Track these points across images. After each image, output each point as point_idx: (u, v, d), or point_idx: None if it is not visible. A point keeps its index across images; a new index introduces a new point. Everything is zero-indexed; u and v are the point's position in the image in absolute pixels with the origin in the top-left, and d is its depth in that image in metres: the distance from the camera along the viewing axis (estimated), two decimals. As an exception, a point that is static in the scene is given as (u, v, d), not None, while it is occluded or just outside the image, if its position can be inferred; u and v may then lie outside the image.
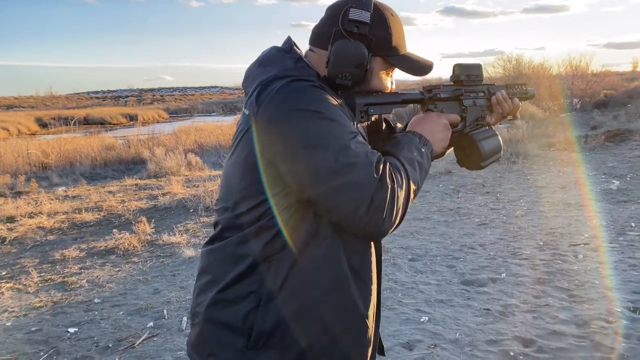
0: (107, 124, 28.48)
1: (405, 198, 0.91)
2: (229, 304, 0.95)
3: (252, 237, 0.93)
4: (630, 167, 6.75)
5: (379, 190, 0.85)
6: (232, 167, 0.97)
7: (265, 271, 0.93)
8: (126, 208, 6.26)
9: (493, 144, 1.14)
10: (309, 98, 0.87)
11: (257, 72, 0.98)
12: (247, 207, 0.93)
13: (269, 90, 0.89)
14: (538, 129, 10.71)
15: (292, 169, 0.87)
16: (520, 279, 3.30)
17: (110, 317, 3.08)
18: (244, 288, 0.94)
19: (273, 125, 0.87)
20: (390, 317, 2.84)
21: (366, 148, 0.88)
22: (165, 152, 9.87)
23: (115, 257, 4.43)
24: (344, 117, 0.89)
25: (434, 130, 1.04)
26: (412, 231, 4.66)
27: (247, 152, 0.91)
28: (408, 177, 0.92)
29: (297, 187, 0.88)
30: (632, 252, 3.64)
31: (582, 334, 2.51)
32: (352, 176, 0.84)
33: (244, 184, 0.93)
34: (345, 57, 0.92)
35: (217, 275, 0.98)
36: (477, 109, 1.16)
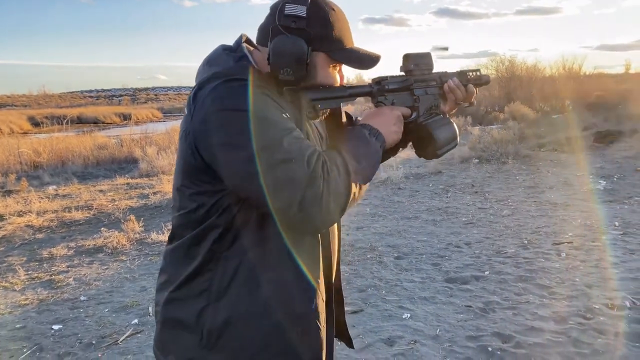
0: (100, 123, 28.39)
1: (344, 192, 0.90)
2: (182, 303, 0.98)
3: (201, 236, 0.95)
4: (618, 168, 6.83)
5: (311, 186, 0.85)
6: (177, 166, 0.99)
7: (214, 269, 0.95)
8: (116, 207, 6.26)
9: (447, 132, 1.14)
10: (240, 98, 0.88)
11: (203, 70, 0.98)
12: (193, 206, 0.95)
13: (203, 91, 0.90)
14: (529, 129, 10.80)
15: (225, 168, 0.88)
16: (503, 277, 3.34)
17: (95, 314, 3.10)
18: (195, 287, 0.96)
19: (205, 126, 0.88)
20: (373, 314, 2.87)
21: (300, 144, 0.88)
22: (157, 151, 9.87)
23: (103, 255, 4.43)
24: (279, 115, 0.90)
25: (387, 122, 1.05)
26: (399, 230, 4.70)
27: (185, 153, 0.93)
28: (347, 170, 0.91)
29: (232, 186, 0.90)
30: (613, 250, 3.69)
31: (559, 330, 2.55)
32: (283, 173, 0.85)
33: (187, 184, 0.95)
34: (284, 52, 0.92)
35: (171, 275, 1.00)
36: (430, 97, 1.15)
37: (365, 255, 3.97)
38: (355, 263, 3.79)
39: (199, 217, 0.94)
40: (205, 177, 0.91)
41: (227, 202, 0.92)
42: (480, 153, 8.23)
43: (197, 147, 0.90)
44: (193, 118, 0.90)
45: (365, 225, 4.90)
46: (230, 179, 0.89)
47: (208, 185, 0.92)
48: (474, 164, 7.85)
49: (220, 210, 0.93)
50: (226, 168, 0.88)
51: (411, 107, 1.13)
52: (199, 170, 0.91)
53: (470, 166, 7.71)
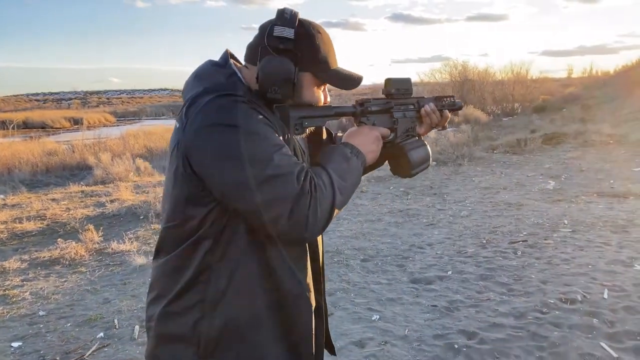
0: (48, 128, 27.09)
1: (329, 207, 0.95)
2: (177, 316, 0.99)
3: (192, 248, 0.97)
4: (565, 168, 7.24)
5: (299, 201, 0.90)
6: (167, 179, 1.01)
7: (207, 280, 0.97)
8: (72, 216, 6.03)
9: (421, 154, 1.22)
10: (233, 113, 0.91)
11: (192, 85, 1.01)
12: (184, 218, 0.97)
13: (197, 104, 0.93)
14: (482, 132, 11.25)
15: (216, 182, 0.91)
16: (465, 276, 3.48)
17: (57, 329, 2.98)
18: (189, 299, 0.98)
19: (198, 140, 0.91)
20: (343, 317, 2.92)
21: (290, 160, 0.93)
22: (112, 157, 9.56)
23: (60, 267, 4.26)
24: (269, 131, 0.94)
25: (366, 142, 1.10)
26: (364, 232, 4.79)
27: (177, 165, 0.95)
28: (333, 186, 0.96)
29: (223, 199, 0.93)
30: (564, 247, 3.92)
31: (519, 325, 2.70)
32: (273, 188, 0.89)
33: (178, 196, 0.97)
34: (272, 72, 0.97)
35: (163, 289, 1.02)
36: (407, 120, 1.23)
37: (332, 259, 4.02)
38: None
39: (190, 230, 0.97)
40: (196, 189, 0.94)
41: (217, 213, 0.95)
42: (438, 156, 8.51)
43: (188, 160, 0.92)
44: (185, 131, 0.92)
45: (331, 229, 4.95)
46: (221, 191, 0.92)
47: (198, 198, 0.94)
48: (432, 166, 8.10)
49: (210, 221, 0.95)
50: (217, 181, 0.91)
51: (390, 128, 1.19)
52: (190, 183, 0.94)
53: (429, 168, 7.91)
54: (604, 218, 4.66)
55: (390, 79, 1.21)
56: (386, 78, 1.21)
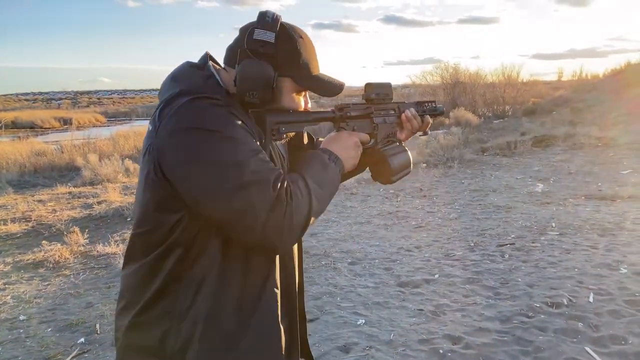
0: (37, 128, 26.81)
1: (306, 215, 0.92)
2: (145, 327, 0.96)
3: (162, 257, 0.94)
4: (554, 171, 7.27)
5: (275, 208, 0.87)
6: (139, 184, 0.97)
7: (177, 290, 0.94)
8: (57, 218, 5.95)
9: (402, 160, 1.20)
10: (209, 116, 0.88)
11: (168, 86, 0.97)
12: (154, 225, 0.94)
13: (172, 106, 0.90)
14: (472, 134, 11.28)
15: (188, 188, 0.88)
16: (452, 279, 3.47)
17: (37, 334, 2.93)
18: (158, 310, 0.95)
19: (171, 143, 0.88)
20: (329, 321, 2.90)
21: (266, 166, 0.90)
22: (100, 158, 9.46)
23: (44, 270, 4.20)
24: (246, 136, 0.90)
25: (345, 148, 1.08)
26: (353, 235, 4.77)
27: (149, 169, 0.91)
28: (310, 193, 0.94)
29: (195, 205, 0.89)
30: (551, 250, 3.93)
31: (504, 329, 2.69)
32: (248, 194, 0.86)
33: (148, 202, 0.93)
34: (250, 76, 0.94)
35: (132, 299, 0.98)
36: (388, 126, 1.21)
37: (320, 262, 4.00)
38: (310, 270, 3.81)
39: (160, 237, 0.93)
40: (167, 194, 0.90)
41: (189, 220, 0.91)
42: (428, 158, 8.52)
43: (160, 164, 0.89)
44: (158, 134, 0.89)
45: (319, 232, 4.93)
46: (193, 197, 0.88)
47: (169, 204, 0.91)
48: (422, 168, 8.11)
49: (181, 229, 0.92)
50: (189, 186, 0.87)
51: (370, 134, 1.17)
52: (161, 188, 0.90)
53: (419, 170, 7.95)
54: (591, 221, 4.67)
55: (370, 83, 1.19)
56: (366, 83, 1.19)
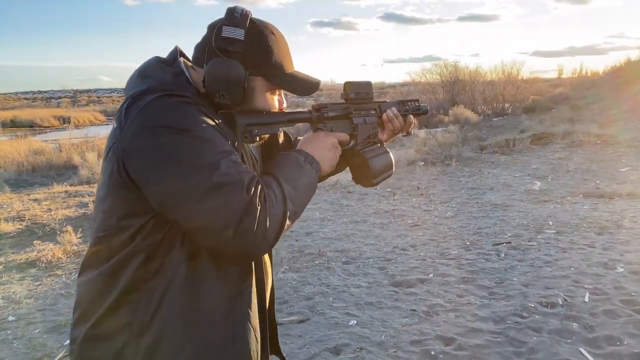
0: (37, 127, 26.77)
1: (280, 219, 0.88)
2: (101, 341, 0.90)
3: (122, 263, 0.88)
4: (552, 169, 7.22)
5: (248, 212, 0.82)
6: (100, 184, 0.91)
7: (137, 301, 0.88)
8: (52, 217, 5.91)
9: (383, 162, 1.15)
10: (178, 115, 0.83)
11: (135, 82, 0.93)
12: (116, 229, 0.88)
13: (138, 104, 0.85)
14: (471, 132, 11.23)
15: (155, 190, 0.83)
16: (447, 279, 3.43)
17: (24, 335, 2.89)
18: (116, 321, 0.89)
19: (137, 142, 0.82)
20: (320, 322, 2.86)
21: (238, 168, 0.85)
22: (98, 156, 9.43)
23: (36, 270, 4.16)
24: (217, 136, 0.86)
25: (322, 149, 1.04)
26: (348, 234, 4.73)
27: (111, 170, 0.86)
28: (284, 197, 0.89)
29: (161, 208, 0.84)
30: (547, 249, 3.89)
31: (498, 330, 2.65)
32: (220, 197, 0.81)
33: (110, 204, 0.88)
34: (219, 75, 0.90)
35: (88, 309, 0.92)
36: (368, 126, 1.16)
37: (314, 262, 3.96)
38: (304, 270, 3.77)
39: (121, 242, 0.87)
40: (131, 196, 0.85)
41: (153, 226, 0.86)
42: (426, 156, 8.47)
43: (124, 164, 0.83)
44: (123, 132, 0.84)
45: (314, 231, 4.89)
46: (160, 200, 0.83)
47: (133, 207, 0.86)
48: (420, 166, 8.06)
49: (144, 234, 0.86)
50: (156, 189, 0.82)
51: (350, 134, 1.13)
52: (124, 189, 0.85)
53: (416, 169, 7.91)
54: (588, 219, 4.63)
55: (349, 82, 1.15)
56: (345, 82, 1.16)
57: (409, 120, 1.24)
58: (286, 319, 2.90)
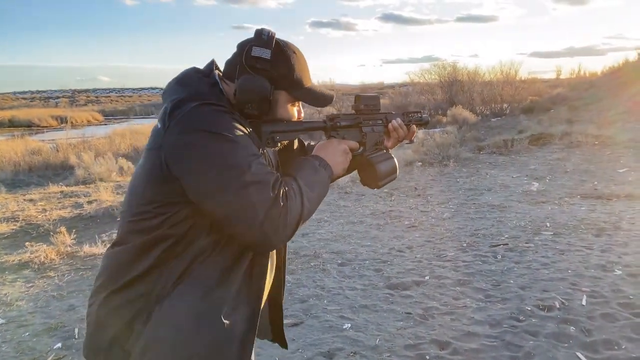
0: (34, 127, 26.70)
1: (298, 215, 1.00)
2: (120, 305, 1.01)
3: (151, 244, 1.00)
4: (550, 170, 7.19)
5: (273, 207, 0.95)
6: (139, 175, 1.03)
7: (158, 275, 1.00)
8: (47, 218, 5.87)
9: (388, 166, 1.28)
10: (216, 121, 0.96)
11: (174, 89, 1.05)
12: (149, 215, 1.00)
13: (182, 109, 0.97)
14: (469, 133, 11.20)
15: (194, 185, 0.95)
16: (443, 281, 3.39)
17: (13, 339, 2.85)
18: (135, 291, 1.00)
19: (180, 143, 0.95)
20: (314, 326, 2.82)
21: (266, 169, 0.98)
22: (95, 156, 9.38)
23: (29, 271, 4.12)
24: (248, 141, 0.98)
25: (334, 154, 1.17)
26: (344, 235, 4.69)
27: (153, 164, 0.98)
28: (302, 195, 1.02)
29: (199, 201, 0.96)
30: (545, 251, 3.85)
31: (494, 334, 2.61)
32: (249, 194, 0.94)
33: (147, 193, 1.00)
34: (249, 90, 1.03)
35: (111, 278, 1.04)
36: (376, 134, 1.30)
37: (309, 263, 3.92)
38: (299, 272, 3.74)
39: (154, 225, 1.00)
40: (169, 189, 0.97)
41: (184, 214, 0.99)
42: (424, 156, 8.44)
43: (167, 161, 0.95)
44: (168, 132, 0.96)
45: (311, 232, 4.85)
46: (198, 193, 0.95)
47: (169, 197, 0.98)
48: (418, 167, 8.03)
49: (176, 221, 0.99)
50: (195, 183, 0.95)
51: (359, 142, 1.26)
52: (164, 182, 0.97)
53: (414, 169, 7.87)
54: (586, 221, 4.60)
55: (359, 95, 1.30)
56: (356, 95, 1.31)
57: (412, 130, 1.39)
58: (280, 322, 2.86)
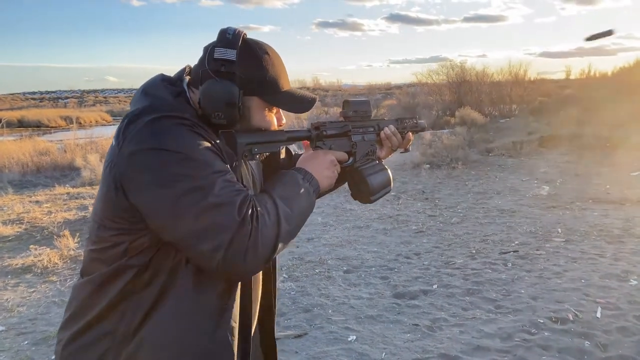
0: (43, 127, 26.88)
1: (273, 237, 0.88)
2: (84, 347, 0.94)
3: (112, 276, 0.91)
4: (560, 173, 7.06)
5: (239, 231, 0.84)
6: (97, 199, 0.94)
7: (124, 310, 0.92)
8: (51, 220, 5.84)
9: (381, 179, 1.16)
10: (173, 137, 0.85)
11: (138, 98, 0.95)
12: (107, 244, 0.91)
13: (137, 123, 0.87)
14: (478, 134, 11.06)
15: (149, 209, 0.85)
16: (451, 290, 3.30)
17: (12, 347, 2.80)
18: (101, 329, 0.92)
19: (133, 163, 0.85)
20: (318, 337, 2.74)
21: (232, 188, 0.87)
22: (100, 158, 9.37)
23: (31, 276, 4.08)
24: (211, 156, 0.87)
25: (320, 167, 1.05)
26: (350, 240, 4.61)
27: (108, 186, 0.88)
28: (278, 215, 0.90)
29: (156, 227, 0.87)
30: (556, 259, 3.74)
31: (505, 348, 2.51)
32: (212, 218, 0.83)
33: (105, 220, 0.91)
34: (213, 96, 0.92)
35: (77, 314, 0.96)
36: (367, 144, 1.18)
37: (314, 270, 3.84)
38: (303, 279, 3.66)
39: (114, 255, 0.91)
40: (125, 214, 0.88)
41: (146, 242, 0.89)
42: (431, 159, 8.33)
43: (121, 183, 0.86)
44: (121, 151, 0.86)
45: (316, 236, 4.78)
46: (155, 219, 0.86)
47: (127, 223, 0.89)
48: (425, 169, 7.92)
49: (137, 251, 0.90)
50: (151, 208, 0.85)
51: (348, 152, 1.15)
52: (119, 207, 0.88)
53: (422, 172, 7.77)
54: (599, 227, 4.48)
55: (348, 100, 1.18)
56: (344, 100, 1.19)
57: (407, 138, 1.26)
58: (282, 333, 2.78)
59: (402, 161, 8.43)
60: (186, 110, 0.92)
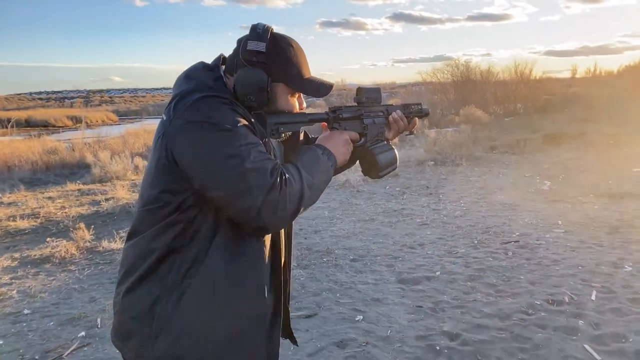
0: (50, 127, 27.18)
1: (297, 200, 1.03)
2: (140, 294, 1.07)
3: (162, 231, 1.05)
4: (564, 169, 7.17)
5: (271, 192, 0.98)
6: (148, 167, 1.09)
7: (172, 262, 1.05)
8: (65, 214, 6.02)
9: (389, 157, 1.32)
10: (217, 113, 1.00)
11: (182, 82, 1.10)
12: (158, 204, 1.05)
13: (185, 101, 1.02)
14: (482, 132, 11.17)
15: (196, 173, 1.00)
16: (453, 277, 3.44)
17: (39, 328, 2.97)
18: (152, 279, 1.06)
19: (183, 133, 0.99)
20: (327, 317, 2.89)
21: (264, 156, 1.01)
22: (111, 155, 9.56)
23: (50, 265, 4.25)
24: (247, 130, 1.02)
25: (336, 144, 1.20)
26: (356, 232, 4.76)
27: (160, 154, 1.03)
28: (302, 182, 1.05)
29: (201, 188, 1.01)
30: (556, 248, 3.88)
31: (503, 327, 2.66)
32: (249, 180, 0.97)
33: (155, 183, 1.05)
34: (246, 82, 1.07)
35: (130, 269, 1.09)
36: (377, 126, 1.33)
37: (322, 259, 3.99)
38: (312, 267, 3.81)
39: (163, 214, 1.05)
40: (174, 177, 1.02)
41: (191, 201, 1.03)
42: (436, 155, 8.46)
43: (172, 151, 1.00)
44: (172, 124, 1.01)
45: (323, 229, 4.93)
46: (200, 181, 1.00)
47: (176, 185, 1.03)
48: (430, 166, 8.05)
49: (183, 208, 1.04)
50: (197, 171, 0.99)
51: (361, 133, 1.29)
52: (170, 171, 1.02)
53: (426, 168, 7.90)
54: (599, 219, 4.61)
55: (361, 88, 1.33)
56: (358, 87, 1.33)
57: (413, 122, 1.41)
58: (294, 313, 2.93)
59: (407, 158, 8.57)
60: (225, 92, 1.07)
